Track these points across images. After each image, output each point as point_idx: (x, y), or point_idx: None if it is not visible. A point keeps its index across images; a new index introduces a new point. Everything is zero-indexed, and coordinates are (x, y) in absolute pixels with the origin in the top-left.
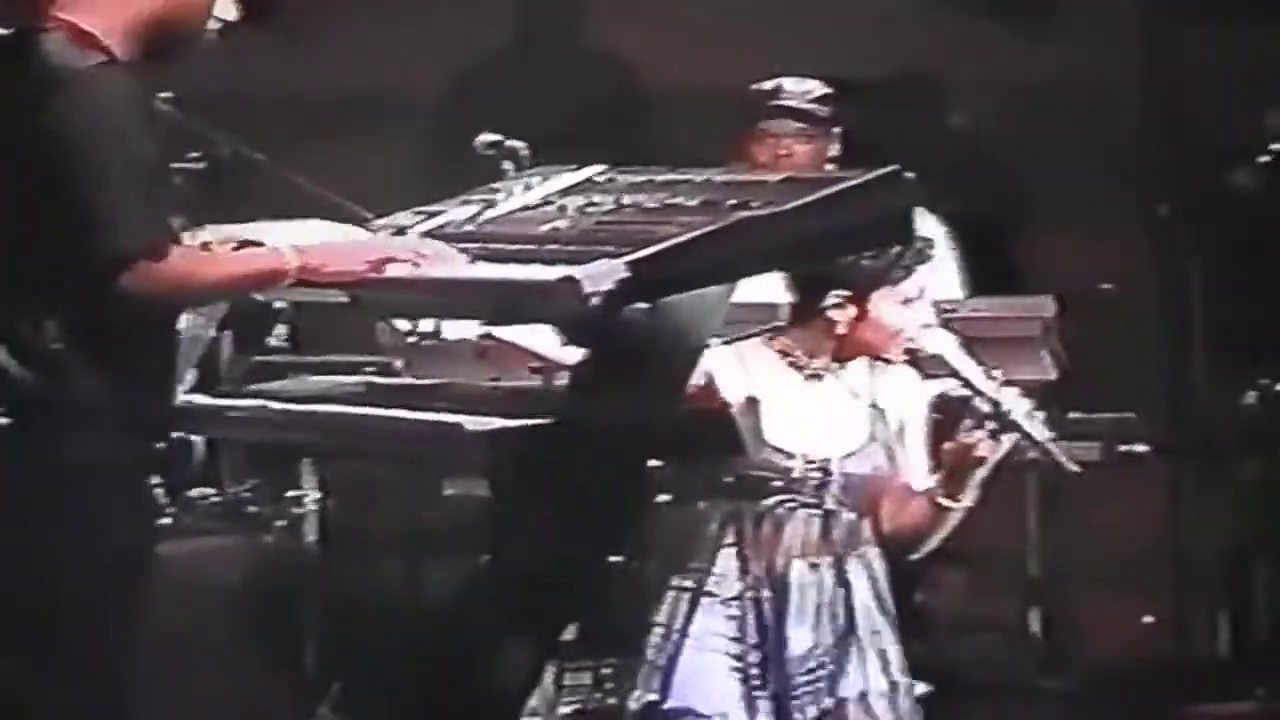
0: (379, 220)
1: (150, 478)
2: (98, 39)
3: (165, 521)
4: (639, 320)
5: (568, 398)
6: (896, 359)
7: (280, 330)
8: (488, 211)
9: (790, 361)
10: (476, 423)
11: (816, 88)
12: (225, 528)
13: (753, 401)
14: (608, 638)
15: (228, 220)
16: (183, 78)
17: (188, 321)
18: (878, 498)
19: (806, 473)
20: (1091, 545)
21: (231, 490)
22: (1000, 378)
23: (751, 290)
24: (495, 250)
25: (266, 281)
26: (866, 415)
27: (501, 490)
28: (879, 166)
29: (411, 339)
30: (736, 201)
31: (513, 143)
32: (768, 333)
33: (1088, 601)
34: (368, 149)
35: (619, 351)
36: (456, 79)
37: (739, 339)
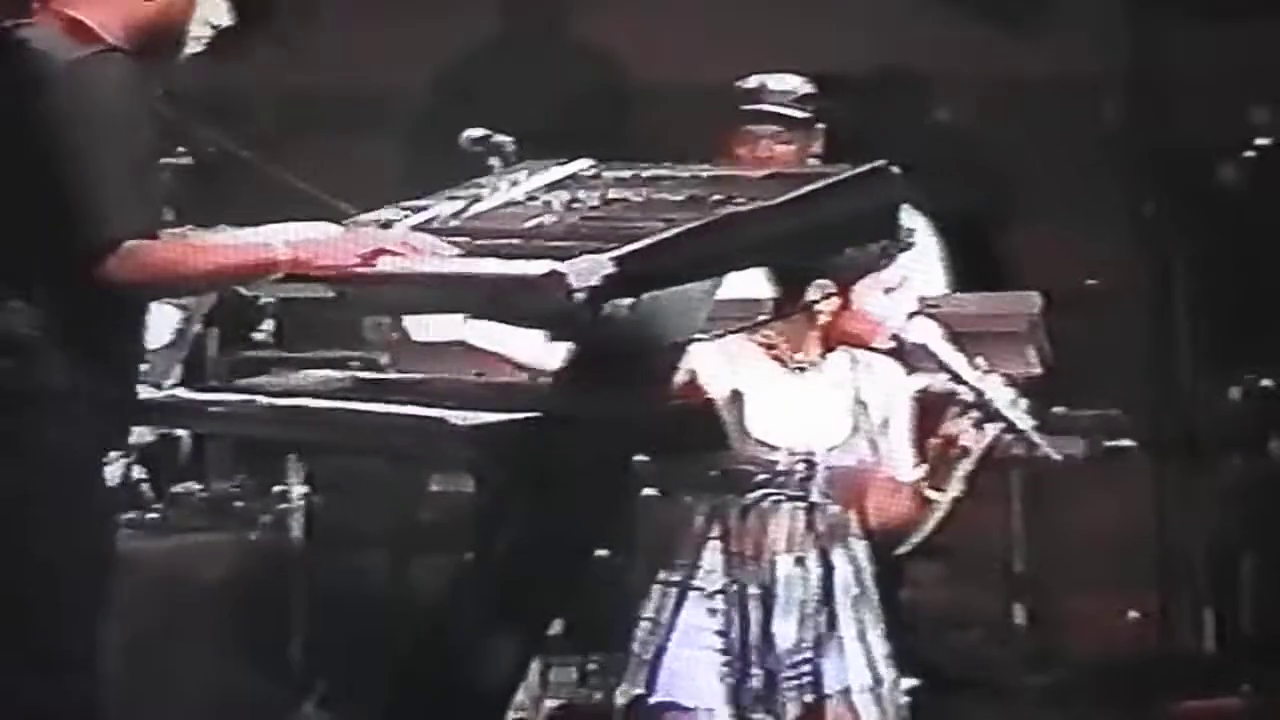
0: (363, 216)
1: (107, 469)
2: (94, 31)
3: (152, 517)
4: (624, 315)
5: (553, 392)
6: (880, 349)
7: (267, 325)
8: (474, 207)
9: (774, 355)
10: (462, 417)
11: (799, 86)
12: (212, 523)
13: (737, 395)
14: (594, 633)
15: (213, 215)
16: (170, 73)
17: (174, 316)
18: (863, 491)
19: (791, 465)
20: (1076, 540)
21: (218, 486)
22: (984, 367)
23: (735, 285)
24: (481, 245)
25: (256, 272)
26: (850, 408)
27: (487, 485)
28: (865, 162)
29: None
30: (722, 197)
31: (499, 138)
32: (751, 327)
33: (1072, 596)
34: (354, 144)
35: (604, 346)
36: (443, 74)
37: (722, 334)
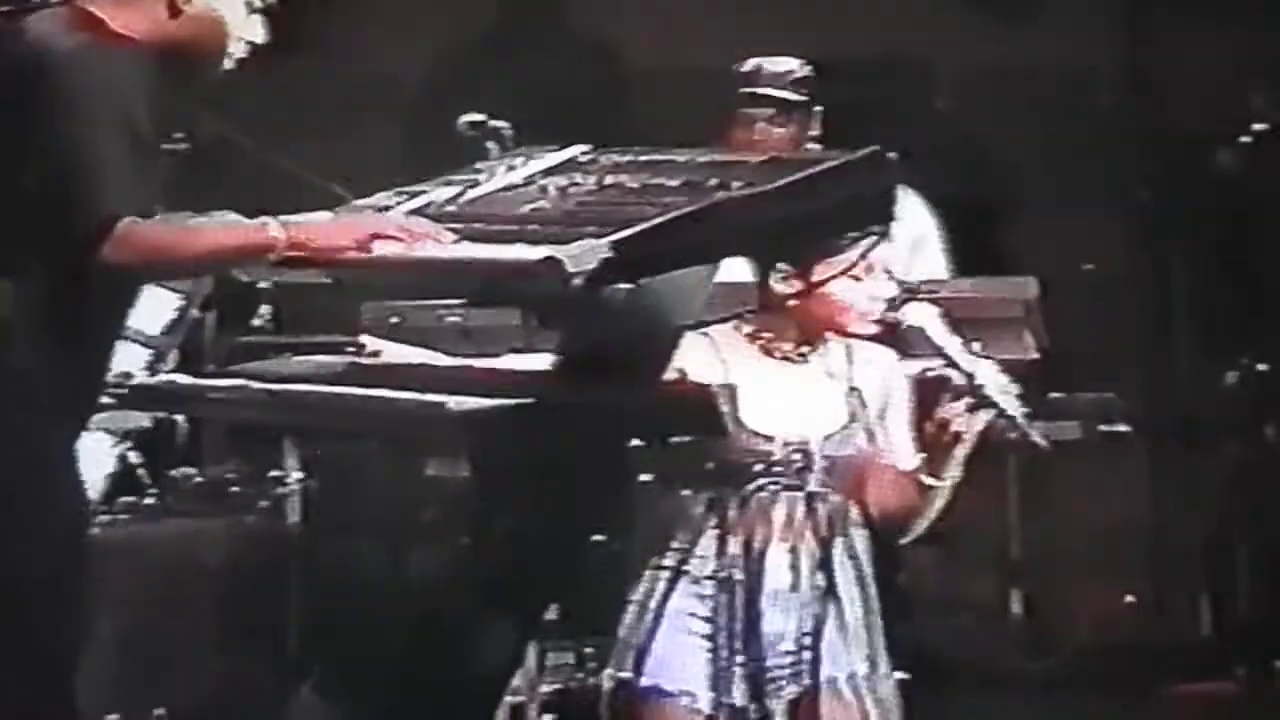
0: (360, 201)
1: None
2: (105, 23)
3: (148, 502)
4: (621, 300)
5: (549, 378)
6: (864, 335)
7: (264, 310)
8: (470, 192)
9: (761, 345)
10: (458, 402)
11: (795, 69)
12: (208, 508)
13: (729, 387)
14: (590, 618)
15: (210, 202)
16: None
17: (172, 301)
18: (862, 480)
19: (787, 455)
20: (1072, 526)
21: (214, 471)
22: (979, 351)
23: (729, 271)
24: (477, 230)
25: (253, 254)
26: (845, 397)
27: (483, 470)
28: (862, 147)
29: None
30: (718, 182)
31: (496, 123)
32: (735, 318)
33: (1069, 582)
34: (351, 130)
35: (601, 331)
36: (440, 60)
37: (709, 324)
